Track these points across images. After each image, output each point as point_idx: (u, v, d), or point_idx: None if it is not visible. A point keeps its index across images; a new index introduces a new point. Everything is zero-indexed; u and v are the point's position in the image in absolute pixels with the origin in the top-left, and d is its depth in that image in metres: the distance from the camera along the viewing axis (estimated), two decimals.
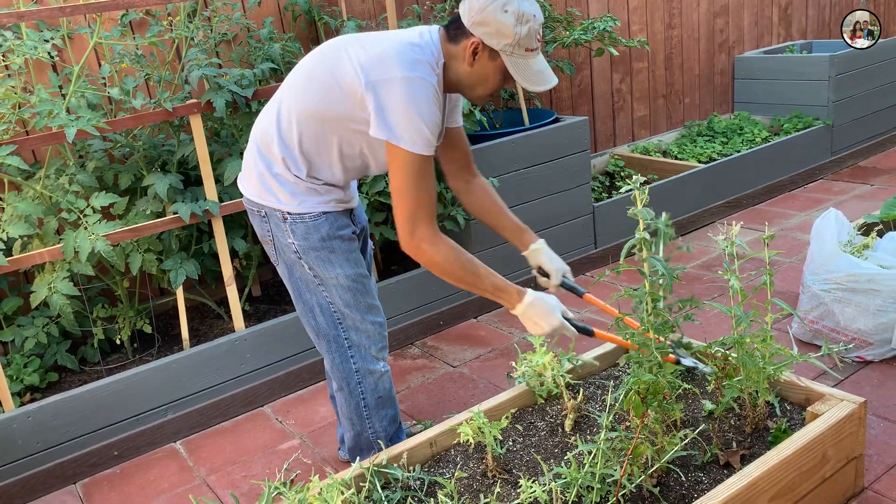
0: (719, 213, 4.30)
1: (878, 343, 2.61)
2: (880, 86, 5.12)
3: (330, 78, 1.85)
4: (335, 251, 1.98)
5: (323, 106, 1.86)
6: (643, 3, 4.80)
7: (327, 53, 1.90)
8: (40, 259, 2.61)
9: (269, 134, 1.93)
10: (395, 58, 1.79)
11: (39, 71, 2.97)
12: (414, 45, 1.83)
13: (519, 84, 1.88)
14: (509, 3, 1.79)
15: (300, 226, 1.94)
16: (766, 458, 1.78)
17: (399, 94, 1.76)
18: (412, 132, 1.78)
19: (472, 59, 1.85)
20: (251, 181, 1.99)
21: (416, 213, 1.83)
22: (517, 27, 1.79)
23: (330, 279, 2.00)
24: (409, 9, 3.77)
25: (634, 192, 1.79)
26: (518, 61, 1.84)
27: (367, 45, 1.86)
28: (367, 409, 2.17)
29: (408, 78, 1.77)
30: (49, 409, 2.57)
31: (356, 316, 2.07)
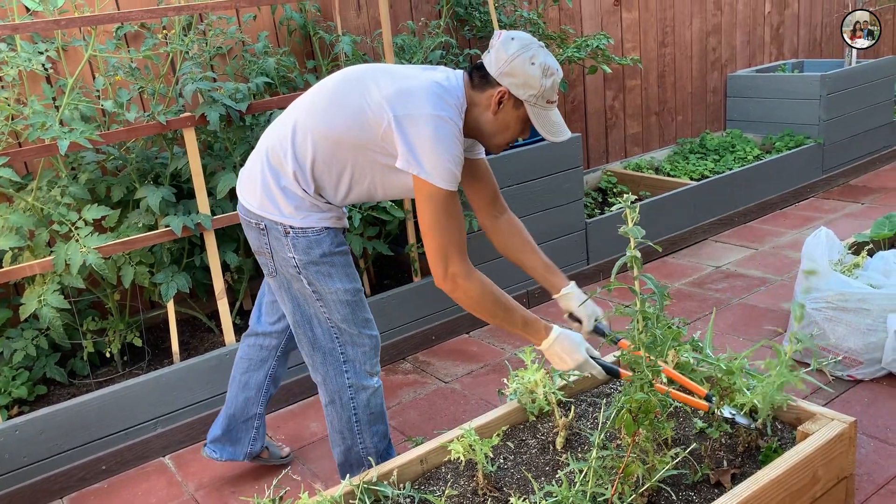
0: (711, 230, 4.32)
1: (869, 362, 2.62)
2: (871, 105, 5.17)
3: (356, 105, 1.87)
4: (335, 266, 1.99)
5: (344, 131, 1.88)
6: (636, 22, 4.84)
7: (355, 80, 1.92)
8: (31, 271, 2.59)
9: (283, 148, 1.94)
10: (425, 95, 1.83)
11: (33, 83, 2.96)
12: (442, 86, 1.87)
13: (542, 134, 1.94)
14: (536, 57, 1.85)
15: (302, 240, 1.94)
16: (757, 478, 1.78)
17: (428, 131, 1.80)
18: (440, 168, 1.81)
19: (497, 107, 1.90)
20: (254, 192, 1.98)
21: (447, 248, 1.86)
22: (543, 79, 1.85)
23: (328, 294, 2.00)
24: (403, 24, 3.79)
25: (625, 211, 1.79)
26: (540, 112, 1.91)
27: (397, 78, 1.89)
28: (359, 425, 2.16)
29: (437, 116, 1.81)
30: (37, 423, 2.55)
31: (353, 330, 2.07)
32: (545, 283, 2.24)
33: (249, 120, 3.04)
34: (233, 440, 2.42)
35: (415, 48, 3.57)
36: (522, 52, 1.85)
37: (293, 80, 3.32)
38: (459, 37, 4.06)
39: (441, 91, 1.85)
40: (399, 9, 3.89)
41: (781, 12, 5.71)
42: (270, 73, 3.18)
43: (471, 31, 4.05)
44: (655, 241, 3.87)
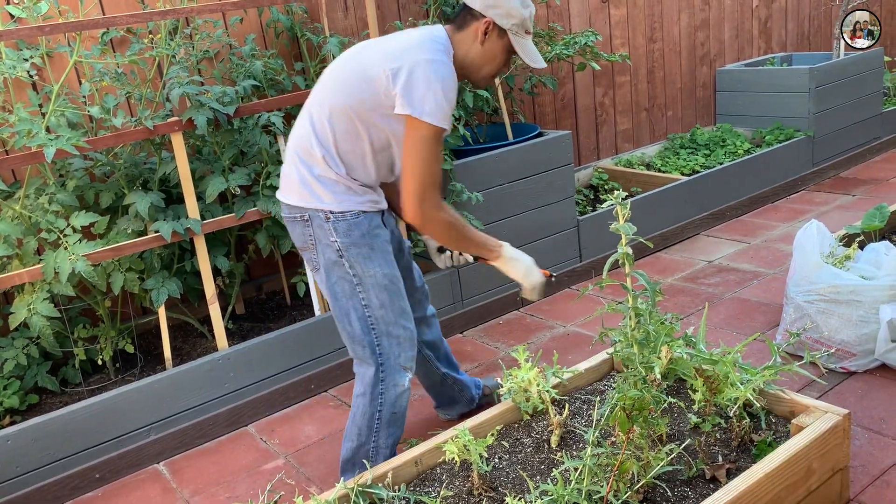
0: (703, 224, 4.32)
1: (862, 354, 2.62)
2: (860, 97, 5.18)
3: (356, 72, 2.01)
4: (374, 248, 2.09)
5: (352, 100, 2.00)
6: (625, 18, 4.84)
7: (350, 57, 2.09)
8: (19, 280, 2.58)
9: (306, 138, 2.06)
10: (417, 45, 1.99)
11: (19, 90, 2.94)
12: (432, 37, 2.03)
13: (523, 59, 2.10)
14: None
15: (342, 223, 2.04)
16: (752, 472, 1.78)
17: (424, 72, 1.93)
18: (435, 106, 1.93)
19: (484, 37, 2.07)
20: (292, 188, 2.09)
21: (427, 187, 1.98)
22: (523, 10, 2.05)
23: (368, 277, 2.09)
24: (391, 25, 3.78)
25: (616, 208, 1.79)
26: (521, 41, 2.09)
27: (389, 41, 2.06)
28: (379, 423, 2.18)
29: (432, 59, 1.95)
30: (29, 432, 2.53)
31: (390, 318, 2.12)
32: None
33: (238, 123, 3.02)
34: (450, 402, 2.63)
35: None
36: None
37: (281, 83, 3.30)
38: None
39: (431, 40, 2.01)
40: (386, 9, 3.88)
41: (769, 6, 5.71)
42: (258, 76, 3.16)
43: None
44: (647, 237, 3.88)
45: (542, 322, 3.44)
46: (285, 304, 3.53)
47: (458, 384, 2.60)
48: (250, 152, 3.12)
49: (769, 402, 2.12)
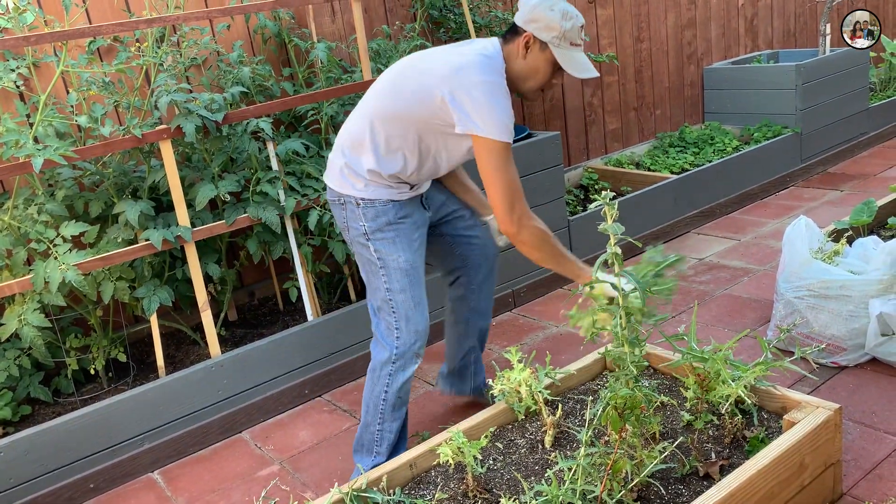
0: (693, 222, 4.34)
1: (852, 348, 2.63)
2: (846, 93, 5.21)
3: (414, 86, 2.10)
4: (399, 234, 2.19)
5: (406, 110, 2.11)
6: (611, 18, 4.86)
7: (410, 66, 2.17)
8: (9, 291, 2.57)
9: (355, 134, 2.18)
10: (472, 66, 2.06)
11: (6, 100, 2.94)
12: (484, 54, 2.10)
13: (567, 72, 2.14)
14: (555, 4, 2.09)
15: (370, 210, 2.17)
16: (745, 469, 1.79)
17: (479, 94, 2.02)
18: (496, 123, 2.02)
19: (525, 51, 2.13)
20: (334, 175, 2.23)
21: (512, 194, 2.07)
22: (563, 22, 2.08)
23: (391, 261, 2.19)
24: (378, 29, 3.79)
25: (605, 208, 1.80)
26: (564, 52, 2.12)
27: (447, 56, 2.11)
28: (385, 404, 2.27)
29: (486, 80, 2.04)
30: (22, 444, 2.52)
31: (409, 303, 2.21)
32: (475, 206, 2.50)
33: (226, 130, 3.02)
34: (459, 375, 2.65)
35: (390, 52, 3.56)
36: (543, 2, 2.09)
37: (269, 89, 3.30)
38: (435, 39, 4.06)
39: (485, 59, 2.08)
40: (373, 13, 3.88)
41: (755, 4, 5.74)
42: (246, 83, 3.16)
43: (446, 33, 4.05)
44: (638, 236, 3.90)
45: (534, 323, 3.44)
46: (278, 309, 3.53)
47: (476, 365, 2.65)
48: (240, 159, 3.12)
49: (761, 399, 2.13)
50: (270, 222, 2.96)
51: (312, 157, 3.23)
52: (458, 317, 2.58)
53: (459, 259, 2.48)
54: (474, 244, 2.47)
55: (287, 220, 3.10)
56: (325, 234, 3.21)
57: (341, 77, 3.42)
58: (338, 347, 3.12)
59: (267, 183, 3.00)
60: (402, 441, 2.36)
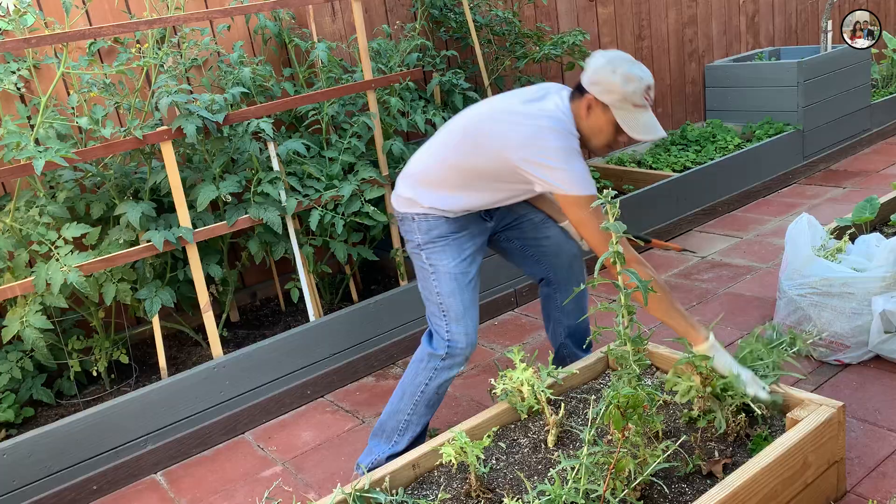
0: (695, 221, 4.33)
1: (856, 346, 2.63)
2: (848, 90, 5.20)
3: (490, 145, 2.17)
4: (450, 245, 2.30)
5: (484, 166, 2.20)
6: (612, 16, 4.85)
7: (486, 117, 2.23)
8: (11, 293, 2.57)
9: (432, 177, 2.28)
10: (545, 132, 2.12)
11: (7, 102, 2.94)
12: (553, 116, 2.15)
13: (628, 133, 2.16)
14: (618, 67, 2.11)
15: (424, 223, 2.29)
16: (748, 467, 1.78)
17: (556, 160, 2.10)
18: (575, 181, 2.10)
19: (587, 112, 2.17)
20: (399, 200, 2.35)
21: (604, 240, 2.07)
22: (624, 85, 2.10)
23: (441, 266, 2.30)
24: (378, 29, 3.79)
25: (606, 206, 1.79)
26: (625, 115, 2.13)
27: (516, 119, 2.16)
28: (422, 395, 2.34)
29: (559, 147, 2.11)
30: (25, 446, 2.52)
31: (458, 307, 2.29)
32: (552, 214, 2.55)
33: (227, 131, 3.02)
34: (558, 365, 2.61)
35: (391, 52, 3.56)
36: (607, 65, 2.12)
37: (270, 89, 3.30)
38: (436, 39, 4.06)
39: (554, 121, 2.13)
40: (374, 13, 3.88)
41: (756, 1, 5.74)
42: (246, 83, 3.16)
43: (447, 32, 4.05)
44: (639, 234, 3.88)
45: (536, 322, 3.44)
46: (280, 310, 3.53)
47: (572, 358, 2.63)
48: (240, 159, 3.11)
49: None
50: (272, 223, 2.96)
51: (313, 158, 3.23)
52: (547, 313, 2.66)
53: (533, 261, 2.56)
54: (545, 246, 2.52)
55: (288, 221, 3.10)
56: (326, 235, 3.21)
57: (342, 77, 3.42)
58: (340, 348, 3.12)
59: (268, 183, 3.00)
60: (421, 440, 2.39)
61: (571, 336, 2.63)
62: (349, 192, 3.09)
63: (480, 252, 2.38)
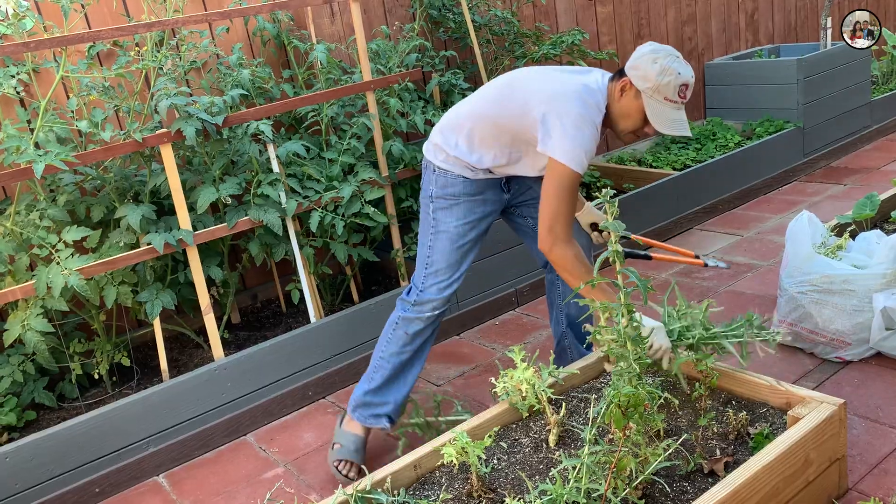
0: (696, 219, 4.33)
1: (857, 343, 2.63)
2: (848, 87, 5.19)
3: (519, 99, 2.24)
4: (458, 204, 2.37)
5: (505, 118, 2.26)
6: (611, 15, 4.85)
7: (521, 77, 2.31)
8: (13, 296, 2.57)
9: (455, 124, 2.35)
10: (571, 96, 2.17)
11: (6, 106, 2.94)
12: (588, 87, 2.20)
13: (652, 124, 2.18)
14: (660, 58, 2.15)
15: (441, 178, 2.37)
16: (749, 465, 1.78)
17: (570, 123, 2.13)
18: (572, 153, 2.13)
19: (620, 94, 2.21)
20: (429, 146, 2.43)
21: (558, 216, 2.16)
22: (659, 76, 2.13)
23: (442, 225, 2.39)
24: (377, 30, 3.79)
25: (605, 205, 1.79)
26: (655, 105, 2.17)
27: (553, 82, 2.23)
28: (393, 334, 2.47)
29: (578, 112, 2.14)
30: (27, 449, 2.52)
31: (442, 262, 2.40)
32: None
33: (227, 133, 3.02)
34: (560, 359, 2.70)
35: (390, 53, 3.56)
36: (650, 54, 2.16)
37: (269, 91, 3.30)
38: (434, 39, 4.06)
39: (586, 92, 2.18)
40: (373, 14, 3.88)
41: None
42: (246, 85, 3.16)
43: (445, 32, 4.05)
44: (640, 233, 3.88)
45: (537, 321, 3.44)
46: (281, 311, 3.53)
47: (573, 350, 2.68)
48: (240, 161, 3.12)
49: (765, 394, 2.12)
50: (272, 224, 2.96)
51: (313, 159, 3.23)
52: (551, 300, 2.70)
53: None
54: None
55: (288, 222, 3.10)
56: (326, 236, 3.21)
57: (341, 78, 3.42)
58: (341, 349, 3.12)
59: (268, 185, 3.00)
60: (399, 385, 2.50)
61: (572, 325, 2.65)
62: (349, 193, 3.10)
63: (487, 220, 2.43)
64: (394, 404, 2.50)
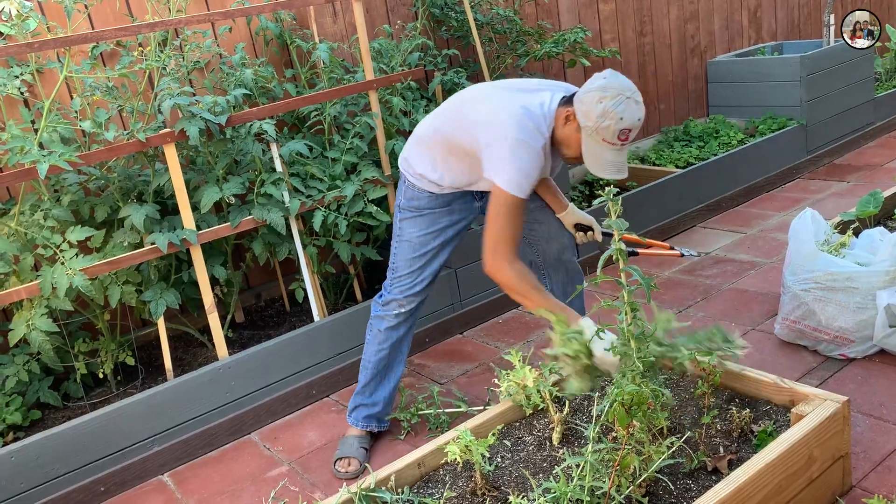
0: (699, 216, 4.33)
1: (860, 340, 2.62)
2: (851, 84, 5.18)
3: (466, 122, 2.27)
4: (422, 216, 2.45)
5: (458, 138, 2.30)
6: (614, 13, 4.85)
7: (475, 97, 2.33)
8: (17, 296, 2.58)
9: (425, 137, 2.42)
10: (509, 120, 2.16)
11: (10, 107, 2.95)
12: (529, 111, 2.18)
13: (584, 160, 2.17)
14: (606, 98, 2.08)
15: (409, 191, 2.45)
16: (753, 463, 1.78)
17: (507, 150, 2.15)
18: (512, 179, 2.14)
19: (564, 122, 2.19)
20: (402, 157, 2.51)
21: (501, 239, 2.19)
22: (600, 118, 2.08)
23: (406, 234, 2.48)
24: (380, 28, 3.79)
25: (608, 203, 1.80)
26: (592, 144, 2.14)
27: (497, 103, 2.23)
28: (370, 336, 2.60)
29: (515, 138, 2.14)
30: (32, 449, 2.53)
31: (405, 269, 2.49)
32: (554, 204, 2.61)
33: (230, 132, 3.03)
34: None
35: (392, 51, 3.57)
36: (598, 91, 2.09)
37: (272, 90, 3.31)
38: (437, 38, 4.06)
39: (525, 115, 2.17)
40: (375, 13, 3.88)
41: None
42: (249, 85, 3.17)
43: (448, 31, 4.05)
44: (644, 231, 3.89)
45: (540, 320, 3.43)
46: (284, 310, 3.54)
47: None
48: (244, 161, 3.12)
49: (769, 392, 2.12)
50: (275, 224, 2.96)
51: (316, 158, 3.24)
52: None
53: (525, 244, 2.63)
54: (537, 231, 2.60)
55: (292, 222, 3.11)
56: (330, 235, 3.22)
57: (344, 77, 3.42)
58: (344, 348, 3.12)
59: (271, 185, 3.01)
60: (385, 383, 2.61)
61: None
62: (352, 192, 3.10)
63: (455, 227, 2.48)
64: (382, 403, 2.62)
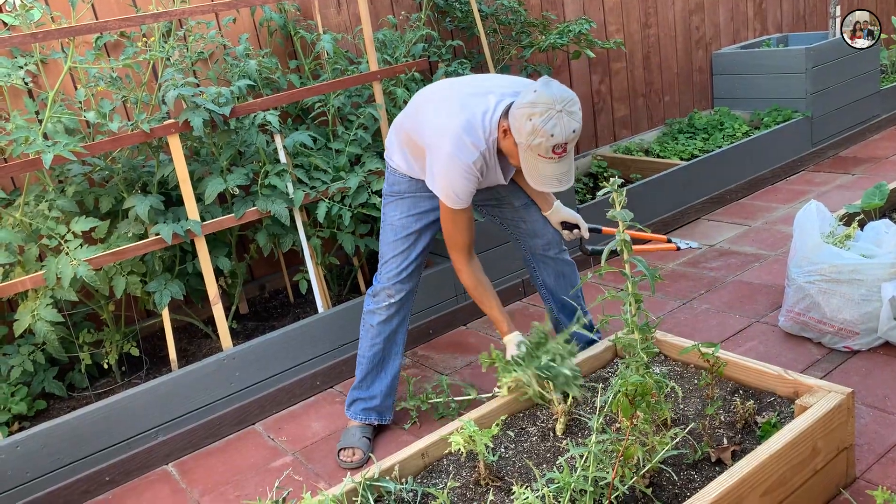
0: (703, 209, 4.32)
1: (865, 332, 2.62)
2: (857, 75, 5.16)
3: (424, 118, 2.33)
4: (402, 200, 2.48)
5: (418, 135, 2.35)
6: (618, 4, 4.83)
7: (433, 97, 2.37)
8: (22, 287, 2.59)
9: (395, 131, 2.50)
10: (447, 133, 2.20)
11: (14, 97, 2.95)
12: (470, 124, 2.20)
13: (525, 177, 2.19)
14: (535, 115, 2.05)
15: (391, 176, 2.51)
16: (757, 454, 1.78)
17: (441, 164, 2.22)
18: (444, 191, 2.25)
19: (504, 135, 2.20)
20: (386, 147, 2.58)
21: (453, 244, 2.37)
22: (530, 136, 2.07)
23: (388, 217, 2.52)
24: (384, 19, 3.78)
25: (613, 195, 1.79)
26: (529, 159, 2.14)
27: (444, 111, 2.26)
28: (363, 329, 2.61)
29: (448, 154, 2.19)
30: (38, 438, 2.54)
31: (390, 253, 2.51)
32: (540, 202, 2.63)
33: (234, 123, 3.03)
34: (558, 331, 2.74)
35: (396, 42, 3.56)
36: (528, 107, 2.06)
37: (276, 81, 3.30)
38: (441, 29, 4.05)
39: (465, 130, 2.19)
40: (379, 4, 3.87)
41: None
42: (252, 76, 3.16)
43: (452, 22, 4.04)
44: (648, 223, 3.88)
45: (544, 311, 3.43)
46: (288, 302, 3.54)
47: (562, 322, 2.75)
48: (248, 152, 3.12)
49: (773, 384, 2.12)
50: (279, 215, 2.97)
51: (320, 150, 3.24)
52: (535, 288, 2.81)
53: (513, 238, 2.73)
54: (522, 228, 2.64)
55: (296, 213, 3.11)
56: (334, 227, 3.22)
57: (348, 68, 3.41)
58: (348, 339, 3.13)
59: (275, 176, 3.01)
60: (381, 377, 2.62)
61: (563, 310, 2.73)
62: (356, 183, 3.10)
63: (435, 213, 2.48)
64: (380, 397, 2.62)
